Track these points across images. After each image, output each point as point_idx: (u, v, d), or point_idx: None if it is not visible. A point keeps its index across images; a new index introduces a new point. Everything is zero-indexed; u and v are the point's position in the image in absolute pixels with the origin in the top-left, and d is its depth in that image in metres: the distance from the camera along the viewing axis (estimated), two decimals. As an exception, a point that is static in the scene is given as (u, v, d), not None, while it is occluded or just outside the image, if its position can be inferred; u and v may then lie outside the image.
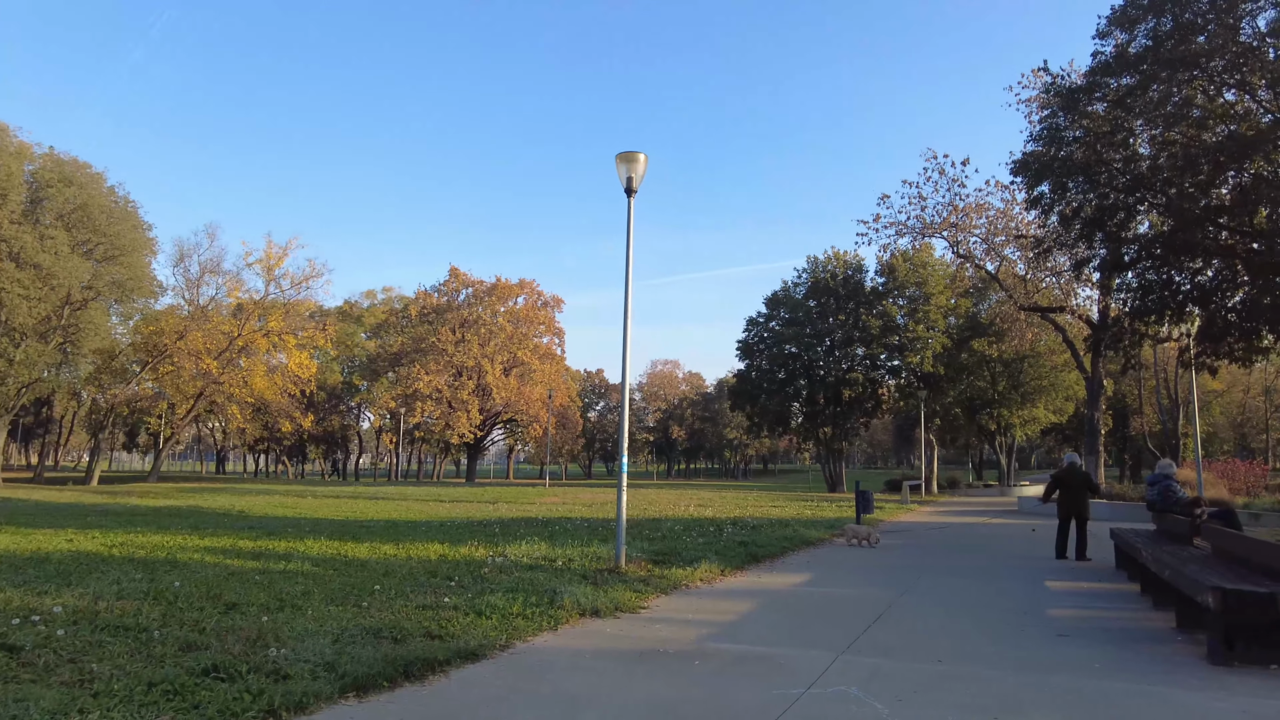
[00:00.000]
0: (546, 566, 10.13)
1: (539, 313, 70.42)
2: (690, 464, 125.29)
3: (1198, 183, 12.79)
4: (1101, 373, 28.51)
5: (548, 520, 19.03)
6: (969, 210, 28.25)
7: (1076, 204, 15.51)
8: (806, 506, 26.63)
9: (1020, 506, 28.38)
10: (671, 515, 21.27)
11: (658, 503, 28.55)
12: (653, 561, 10.79)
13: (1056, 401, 46.40)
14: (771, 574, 10.60)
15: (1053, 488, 12.81)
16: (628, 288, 10.39)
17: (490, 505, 27.11)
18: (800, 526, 17.02)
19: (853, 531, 14.58)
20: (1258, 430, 60.92)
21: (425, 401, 64.74)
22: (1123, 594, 8.99)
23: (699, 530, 15.54)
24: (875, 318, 41.83)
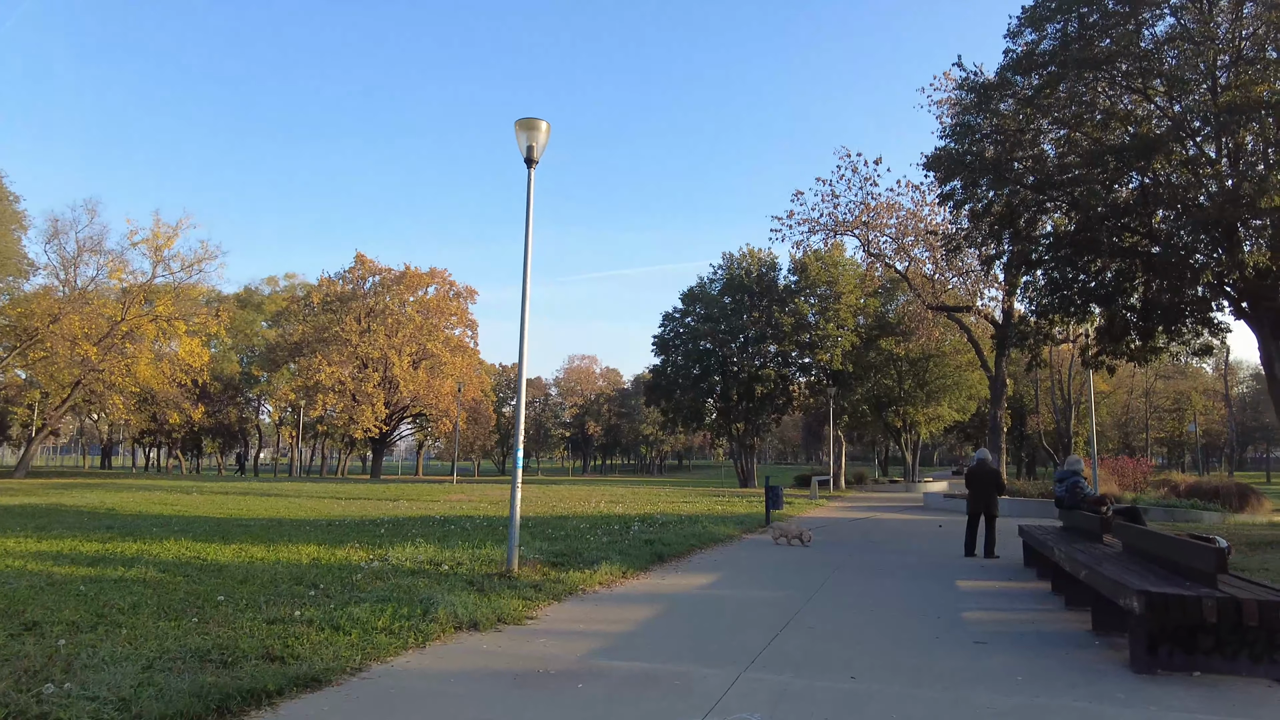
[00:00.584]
0: (430, 571, 9.18)
1: (451, 303, 68.32)
2: (606, 460, 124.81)
3: (1102, 181, 12.87)
4: (1004, 372, 29.24)
5: (446, 519, 17.97)
6: (880, 209, 28.50)
7: (986, 201, 15.53)
8: (718, 502, 26.30)
9: (926, 502, 28.86)
10: (580, 513, 20.50)
11: (568, 499, 27.72)
12: (550, 564, 9.99)
13: (960, 400, 47.84)
14: (677, 575, 9.95)
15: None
16: (526, 267, 9.54)
17: (390, 503, 25.71)
18: (710, 523, 16.51)
19: (781, 529, 13.95)
20: (1139, 430, 64.70)
21: (327, 394, 61.89)
22: (1034, 593, 8.73)
23: (605, 528, 14.82)
24: (788, 315, 42.10)
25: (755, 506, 23.22)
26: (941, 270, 29.88)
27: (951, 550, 13.10)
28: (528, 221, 9.58)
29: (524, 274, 9.48)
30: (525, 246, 9.52)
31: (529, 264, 9.52)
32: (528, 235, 9.55)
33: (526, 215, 9.60)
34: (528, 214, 9.59)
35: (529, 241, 9.55)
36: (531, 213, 9.61)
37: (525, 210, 9.62)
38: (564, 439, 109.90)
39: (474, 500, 27.56)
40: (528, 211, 9.60)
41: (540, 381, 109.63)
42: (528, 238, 9.55)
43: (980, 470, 12.63)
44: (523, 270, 9.48)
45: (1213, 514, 20.97)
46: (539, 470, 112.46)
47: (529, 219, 9.60)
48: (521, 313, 9.53)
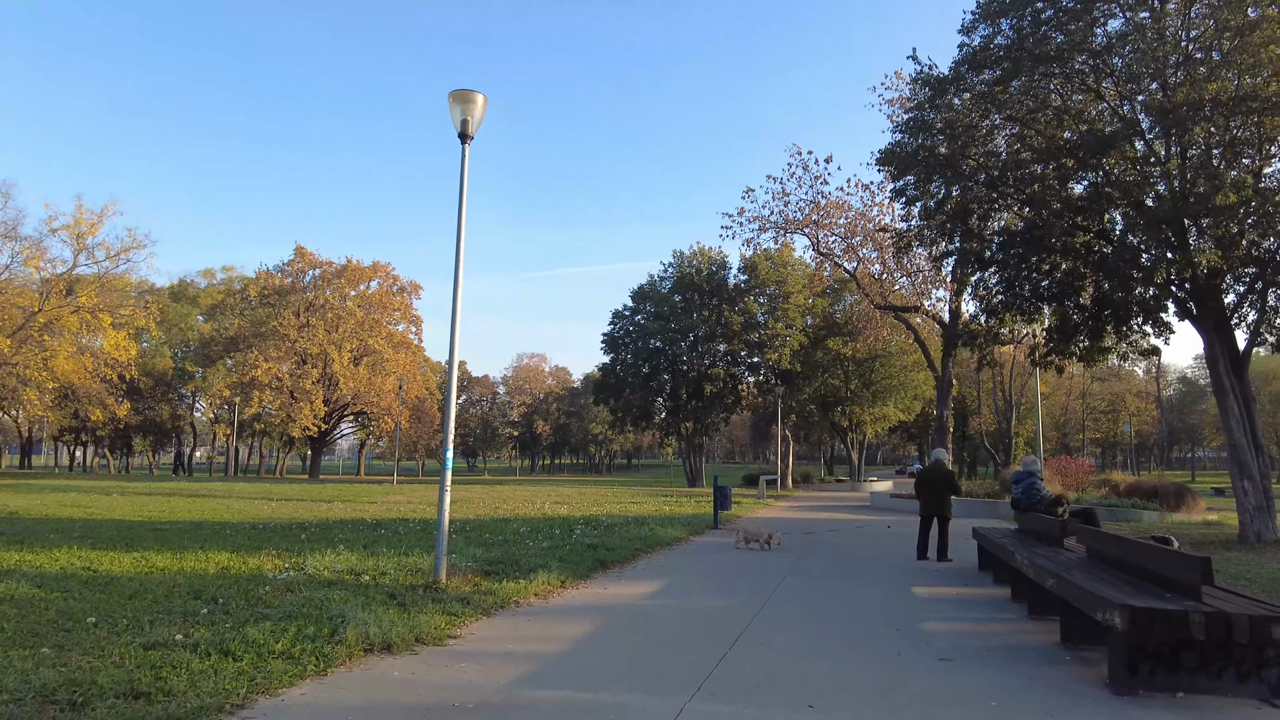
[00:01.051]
0: (349, 582, 8.37)
1: (394, 298, 66.51)
2: (555, 459, 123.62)
3: (1057, 177, 12.65)
4: (950, 372, 29.35)
5: (379, 523, 17.03)
6: (831, 208, 28.33)
7: (939, 198, 15.26)
8: (665, 502, 25.77)
9: (872, 502, 28.80)
10: (523, 515, 19.74)
11: (511, 500, 26.89)
12: (483, 572, 9.25)
13: (905, 400, 48.29)
14: (620, 583, 9.31)
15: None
16: (459, 250, 8.78)
17: (324, 505, 24.56)
18: (657, 525, 15.93)
19: (746, 533, 13.18)
20: (1076, 430, 66.49)
21: (264, 391, 59.66)
22: (993, 601, 8.33)
23: (547, 532, 14.11)
24: (737, 314, 41.91)
25: (703, 507, 22.74)
26: (890, 270, 29.89)
27: (903, 552, 12.74)
28: (461, 200, 8.84)
29: (456, 257, 8.73)
30: (458, 227, 8.77)
31: (461, 246, 8.77)
32: (460, 215, 8.81)
33: (460, 193, 8.85)
34: (461, 192, 8.85)
35: (462, 222, 8.80)
36: (465, 191, 8.87)
37: (459, 188, 8.88)
38: (512, 438, 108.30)
39: (412, 502, 26.53)
40: (461, 189, 8.86)
41: (488, 380, 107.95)
42: (460, 218, 8.80)
43: (934, 471, 12.29)
44: (455, 253, 8.73)
45: (1151, 513, 21.22)
46: (485, 470, 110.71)
47: (462, 198, 8.85)
48: (454, 297, 8.78)
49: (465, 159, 8.91)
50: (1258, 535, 13.40)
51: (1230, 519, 22.94)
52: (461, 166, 8.89)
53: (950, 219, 15.00)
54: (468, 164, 8.91)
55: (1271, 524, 13.51)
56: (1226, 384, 13.76)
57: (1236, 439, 13.68)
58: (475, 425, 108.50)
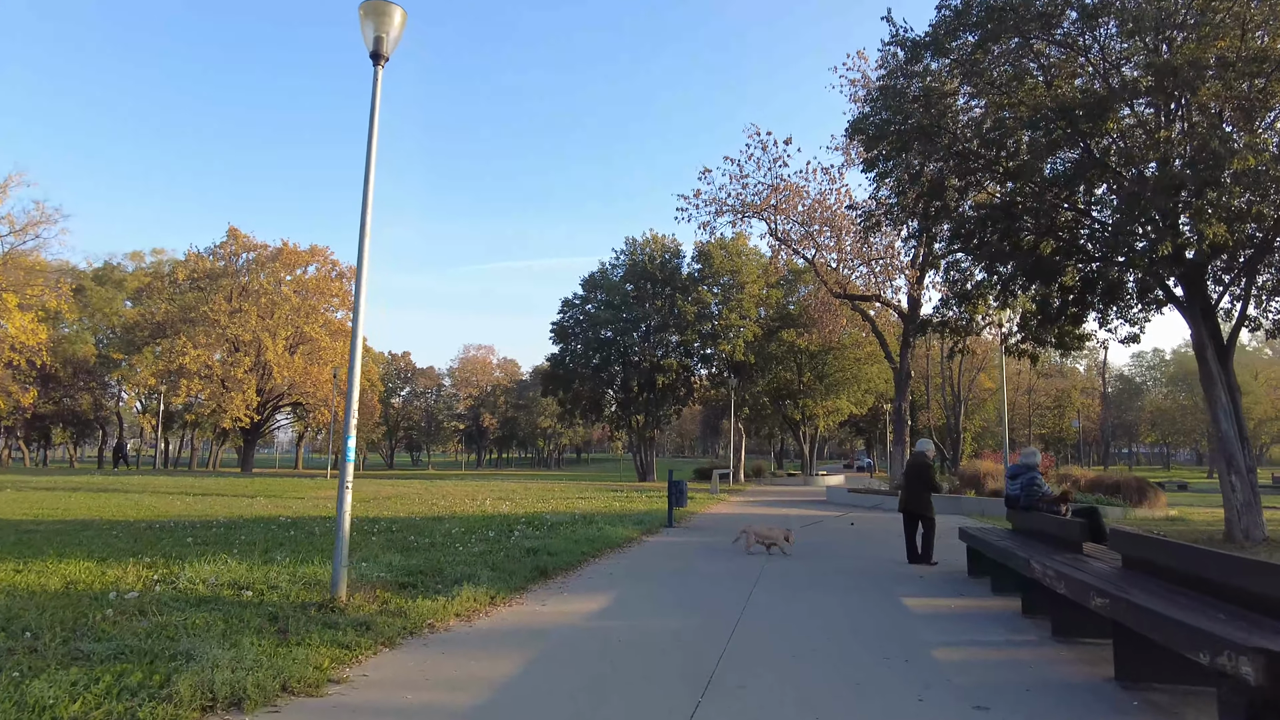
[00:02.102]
0: (226, 600, 6.75)
1: (332, 284, 63.58)
2: (502, 453, 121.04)
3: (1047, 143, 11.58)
4: (909, 364, 28.55)
5: (296, 521, 15.25)
6: (789, 191, 27.16)
7: (914, 169, 14.12)
8: (616, 498, 24.35)
9: (829, 497, 27.84)
10: (460, 513, 18.11)
11: (451, 497, 25.15)
12: (398, 585, 7.69)
13: (857, 394, 47.74)
14: (562, 597, 7.84)
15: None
16: (367, 192, 7.18)
17: (246, 500, 22.56)
18: (606, 523, 14.49)
19: (759, 534, 11.39)
20: (1023, 425, 67.16)
21: (192, 379, 56.40)
22: (1001, 616, 7.09)
23: (483, 533, 12.54)
24: (691, 304, 40.65)
25: (656, 503, 21.39)
26: (847, 260, 28.87)
27: (877, 553, 11.57)
28: (371, 131, 7.24)
29: (364, 199, 7.13)
30: (367, 164, 7.17)
31: (370, 187, 7.18)
32: (370, 149, 7.21)
33: (370, 123, 7.26)
34: (371, 122, 7.25)
35: (371, 158, 7.20)
36: (376, 121, 7.27)
37: (369, 117, 7.28)
38: (458, 432, 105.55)
39: (344, 497, 24.61)
40: (372, 119, 7.26)
41: (433, 371, 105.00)
42: (370, 152, 7.20)
43: (912, 464, 11.12)
44: (363, 195, 7.13)
45: (1115, 509, 20.61)
46: (430, 464, 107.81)
47: (373, 129, 7.25)
48: (360, 252, 7.18)
49: (378, 84, 7.32)
50: (1246, 533, 12.59)
51: (1192, 514, 22.59)
52: (373, 93, 7.30)
53: (925, 194, 13.85)
54: (380, 91, 7.32)
55: (1260, 520, 12.72)
56: (1214, 373, 12.93)
57: (1224, 431, 12.85)
58: (419, 418, 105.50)
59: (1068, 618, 5.99)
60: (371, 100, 7.27)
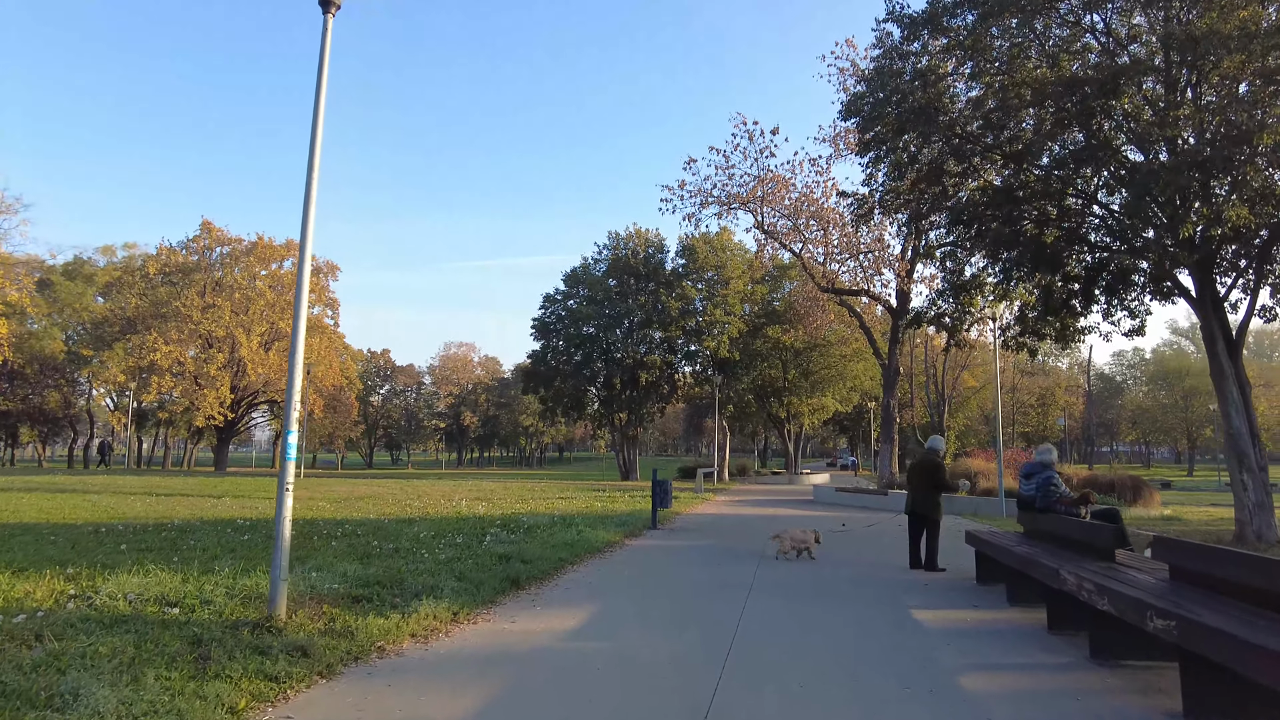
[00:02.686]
0: (148, 618, 5.88)
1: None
2: (484, 452, 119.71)
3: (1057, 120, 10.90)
4: (897, 360, 27.95)
5: (257, 523, 14.35)
6: (776, 182, 26.44)
7: (912, 152, 13.41)
8: (597, 498, 23.54)
9: (816, 496, 27.16)
10: (433, 514, 17.24)
11: (427, 497, 24.23)
12: (351, 599, 6.85)
13: (843, 391, 47.18)
14: (534, 612, 7.02)
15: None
16: (314, 148, 6.34)
17: (211, 501, 21.54)
18: (586, 526, 13.68)
19: (793, 539, 10.82)
20: (1006, 424, 66.86)
21: (164, 376, 54.94)
22: (1026, 633, 6.35)
23: (452, 537, 11.69)
24: (674, 300, 39.89)
25: (639, 503, 20.61)
26: (834, 254, 28.19)
27: (876, 557, 10.86)
28: (320, 82, 6.39)
29: (310, 157, 6.28)
30: (315, 117, 6.31)
31: (318, 143, 6.33)
32: (319, 101, 6.36)
33: (319, 74, 6.41)
34: (320, 73, 6.40)
35: (319, 110, 6.35)
36: (325, 72, 6.43)
37: (318, 70, 6.43)
38: (438, 430, 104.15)
39: (315, 498, 23.67)
40: (321, 70, 6.41)
41: (413, 369, 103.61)
42: (318, 104, 6.35)
43: (921, 462, 10.40)
44: (309, 153, 6.28)
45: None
46: (409, 463, 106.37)
47: (321, 80, 6.41)
48: (305, 209, 6.33)
49: (327, 34, 6.48)
50: (1258, 534, 11.98)
51: (1187, 513, 22.12)
52: (323, 43, 6.45)
53: (923, 178, 13.13)
54: (330, 41, 6.47)
55: (1274, 521, 12.12)
56: (1225, 367, 12.31)
57: (1235, 427, 12.24)
58: (399, 417, 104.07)
59: (1108, 637, 5.26)
60: (320, 52, 6.42)
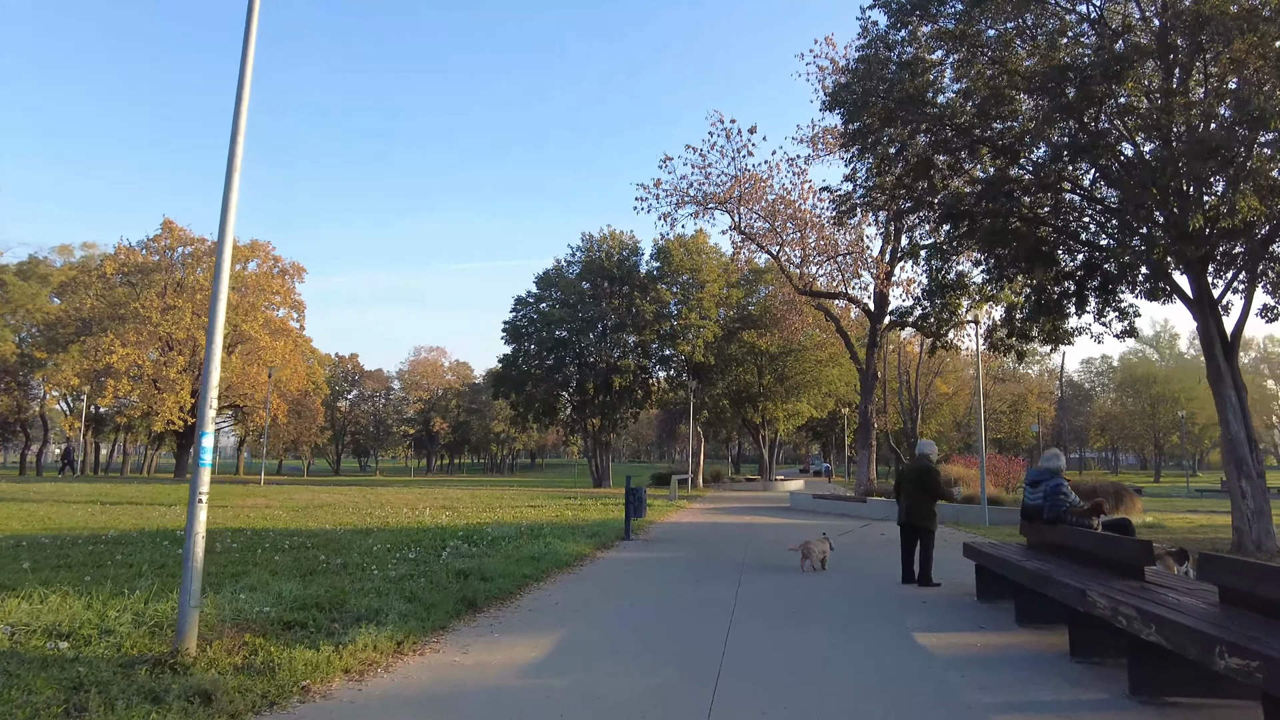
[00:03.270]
0: (29, 655, 4.97)
1: (273, 281, 60.68)
2: (454, 459, 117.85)
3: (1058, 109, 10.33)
4: (875, 364, 27.44)
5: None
6: (754, 181, 25.85)
7: (900, 144, 12.79)
8: (568, 506, 22.68)
9: (793, 503, 26.50)
10: (393, 524, 16.29)
11: (390, 506, 23.21)
12: (282, 625, 5.98)
13: (818, 397, 46.77)
14: (491, 639, 6.19)
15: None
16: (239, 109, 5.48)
17: (160, 510, 20.39)
18: (555, 536, 12.85)
19: (820, 552, 10.33)
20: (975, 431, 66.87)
21: (120, 379, 53.10)
22: (1047, 660, 5.63)
23: (407, 550, 10.79)
24: (649, 303, 39.19)
25: (611, 511, 19.81)
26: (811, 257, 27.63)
27: (864, 569, 10.15)
28: (247, 36, 5.54)
29: (235, 119, 5.43)
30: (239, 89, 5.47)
31: (244, 103, 5.48)
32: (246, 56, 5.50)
33: (246, 27, 5.56)
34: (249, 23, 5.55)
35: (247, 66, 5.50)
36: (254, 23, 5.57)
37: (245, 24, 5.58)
38: (407, 436, 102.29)
39: (272, 506, 22.57)
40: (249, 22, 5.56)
41: (381, 374, 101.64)
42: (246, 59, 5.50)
43: (912, 468, 9.73)
44: (234, 115, 5.43)
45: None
46: (378, 470, 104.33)
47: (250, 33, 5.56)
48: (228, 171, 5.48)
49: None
50: (1258, 544, 11.48)
51: (1169, 520, 21.76)
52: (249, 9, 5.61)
53: (911, 171, 12.52)
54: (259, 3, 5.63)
55: (1273, 529, 11.63)
56: (1223, 369, 11.83)
57: (1234, 432, 11.75)
58: (367, 423, 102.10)
59: (1152, 670, 4.56)
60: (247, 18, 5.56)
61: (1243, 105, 8.75)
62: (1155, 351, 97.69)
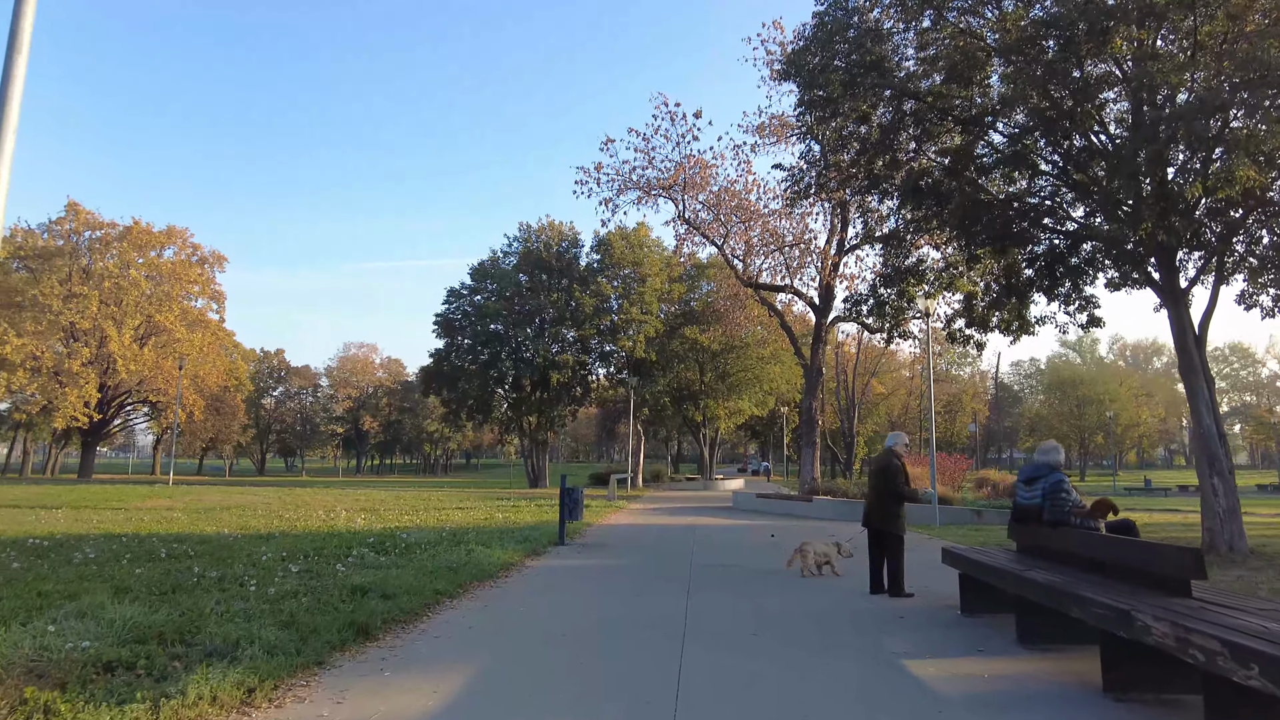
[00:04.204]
0: None
1: (192, 270, 57.22)
2: (386, 459, 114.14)
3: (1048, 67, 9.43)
4: (821, 360, 26.72)
5: (66, 541, 11.52)
6: (700, 165, 24.81)
7: (861, 113, 11.81)
8: (500, 508, 21.25)
9: (736, 503, 25.57)
10: (300, 528, 14.67)
11: (305, 507, 21.41)
12: (99, 668, 4.52)
13: (759, 394, 46.17)
14: (380, 679, 4.84)
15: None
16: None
17: (39, 514, 18.31)
18: (480, 542, 11.47)
19: (818, 553, 9.34)
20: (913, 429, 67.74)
21: (15, 371, 49.13)
22: (1076, 698, 4.56)
23: (303, 560, 9.28)
24: (589, 296, 37.85)
25: (546, 513, 18.48)
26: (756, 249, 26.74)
27: (827, 581, 9.09)
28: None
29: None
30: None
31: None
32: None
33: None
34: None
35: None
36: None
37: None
38: (335, 435, 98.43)
39: (174, 509, 20.59)
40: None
41: (309, 370, 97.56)
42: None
43: (875, 464, 8.71)
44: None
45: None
46: (304, 470, 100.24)
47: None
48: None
49: None
50: (1230, 544, 10.86)
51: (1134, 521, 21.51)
52: None
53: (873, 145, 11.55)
54: None
55: (1243, 529, 11.04)
56: (1196, 361, 11.19)
57: (1206, 426, 11.12)
58: (293, 421, 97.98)
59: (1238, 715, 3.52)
60: None
61: (1248, 62, 8.02)
62: (1078, 355, 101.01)
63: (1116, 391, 79.85)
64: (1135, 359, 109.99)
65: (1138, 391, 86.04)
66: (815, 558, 9.29)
